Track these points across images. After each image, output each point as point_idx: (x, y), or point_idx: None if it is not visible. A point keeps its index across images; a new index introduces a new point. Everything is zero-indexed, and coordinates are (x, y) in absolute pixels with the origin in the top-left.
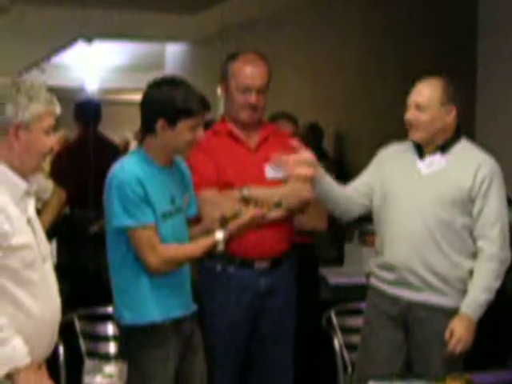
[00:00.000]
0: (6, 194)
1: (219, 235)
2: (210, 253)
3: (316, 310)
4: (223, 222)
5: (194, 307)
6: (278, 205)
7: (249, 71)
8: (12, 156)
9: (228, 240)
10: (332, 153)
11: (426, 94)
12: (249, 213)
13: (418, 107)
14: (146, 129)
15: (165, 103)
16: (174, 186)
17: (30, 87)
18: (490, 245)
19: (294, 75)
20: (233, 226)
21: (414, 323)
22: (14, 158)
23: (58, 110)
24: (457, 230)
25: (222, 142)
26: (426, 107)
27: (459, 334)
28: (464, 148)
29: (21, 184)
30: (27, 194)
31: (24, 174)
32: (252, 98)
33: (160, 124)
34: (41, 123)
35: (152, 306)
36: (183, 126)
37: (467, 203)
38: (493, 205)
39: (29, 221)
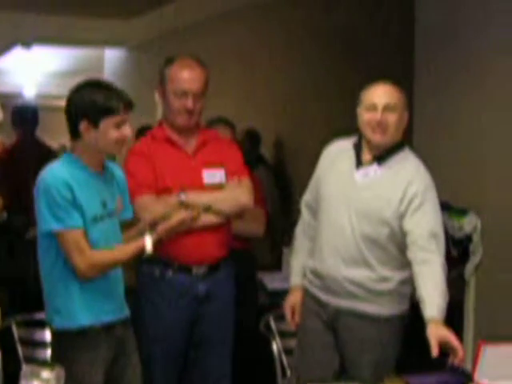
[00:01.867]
0: None
1: (147, 239)
2: (139, 257)
3: (254, 314)
4: (153, 226)
5: (126, 312)
6: (207, 209)
7: (185, 75)
8: None
9: (157, 243)
10: (272, 159)
11: (395, 94)
12: (177, 216)
13: (388, 108)
14: (72, 133)
15: (85, 105)
16: (105, 190)
17: None
18: (433, 255)
19: (234, 79)
20: (161, 228)
21: (343, 329)
22: None
23: (1, 116)
24: (383, 245)
25: (160, 147)
26: (395, 108)
27: (451, 338)
28: (401, 160)
29: None
30: None
31: None
32: (188, 102)
33: (83, 126)
34: None
35: (81, 310)
36: (106, 124)
37: (396, 219)
38: (428, 218)
39: None
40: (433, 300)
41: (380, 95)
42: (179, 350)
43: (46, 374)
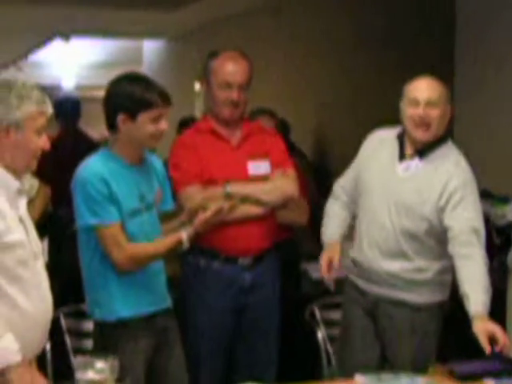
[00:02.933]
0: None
1: (184, 232)
2: (177, 250)
3: (299, 304)
4: (192, 217)
5: (168, 302)
6: (244, 199)
7: (230, 68)
8: (3, 155)
9: (194, 236)
10: (310, 150)
11: (437, 89)
12: (213, 207)
13: (430, 103)
14: (109, 125)
15: (124, 97)
16: (144, 183)
17: (22, 87)
18: (475, 250)
19: (271, 71)
20: (198, 220)
21: (383, 317)
22: (6, 157)
23: (50, 109)
24: (421, 239)
25: (205, 139)
26: (438, 103)
27: (499, 331)
28: (443, 154)
29: (13, 183)
30: (19, 192)
31: (16, 173)
32: (233, 94)
33: (121, 119)
34: (32, 123)
35: (120, 302)
36: (143, 118)
37: (435, 214)
38: (468, 213)
39: (21, 219)
40: (477, 296)
41: (422, 90)
42: (226, 340)
43: (100, 364)
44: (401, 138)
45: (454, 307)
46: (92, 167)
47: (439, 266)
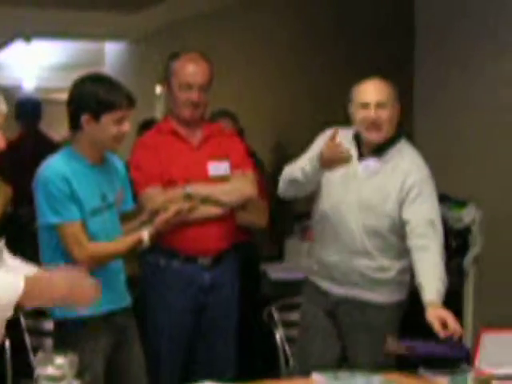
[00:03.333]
0: None
1: (145, 231)
2: (137, 249)
3: (257, 304)
4: (153, 217)
5: (127, 301)
6: (204, 199)
7: (190, 69)
8: None
9: (155, 235)
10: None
11: (385, 91)
12: (174, 207)
13: (379, 105)
14: (73, 125)
15: (88, 98)
16: (105, 182)
17: None
18: (431, 242)
19: (232, 73)
20: (158, 220)
21: (343, 316)
22: None
23: (2, 109)
24: (384, 236)
25: (166, 140)
26: (387, 104)
27: (450, 317)
28: (398, 152)
29: None
30: None
31: None
32: (193, 95)
33: (85, 119)
34: None
35: None
36: (107, 119)
37: (396, 210)
38: (426, 207)
39: None
40: (431, 285)
41: (371, 92)
42: (185, 339)
43: (59, 360)
44: (357, 139)
45: (411, 306)
46: (54, 166)
47: (400, 266)
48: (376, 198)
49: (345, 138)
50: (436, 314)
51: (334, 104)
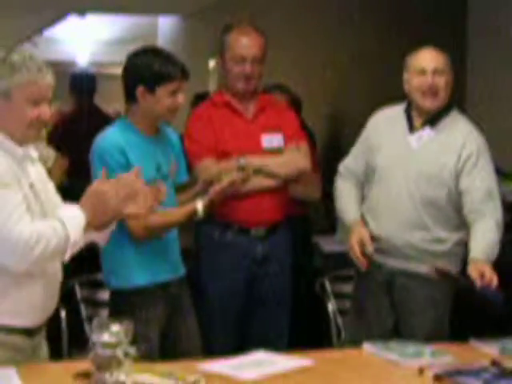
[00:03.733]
0: (3, 160)
1: (199, 202)
2: (192, 219)
3: (310, 276)
4: (206, 188)
5: (182, 271)
6: (257, 171)
7: (243, 42)
8: (2, 125)
9: (209, 206)
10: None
11: (442, 58)
12: (227, 178)
13: (436, 72)
14: (128, 97)
15: (143, 70)
16: (160, 154)
17: (17, 57)
18: (488, 213)
19: (287, 49)
20: (212, 191)
21: (398, 290)
22: (5, 127)
23: (47, 80)
24: (441, 206)
25: (220, 112)
26: (444, 71)
27: (488, 269)
28: (452, 122)
29: (15, 149)
30: (29, 159)
31: (16, 141)
32: (247, 67)
33: (140, 91)
34: (22, 92)
35: (136, 270)
36: (162, 91)
37: (452, 180)
38: (481, 180)
39: (31, 186)
40: (478, 245)
41: (428, 59)
42: (238, 310)
43: (115, 327)
44: (408, 112)
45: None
46: (110, 137)
47: (457, 238)
48: (433, 168)
49: (395, 115)
50: (476, 267)
51: (386, 75)
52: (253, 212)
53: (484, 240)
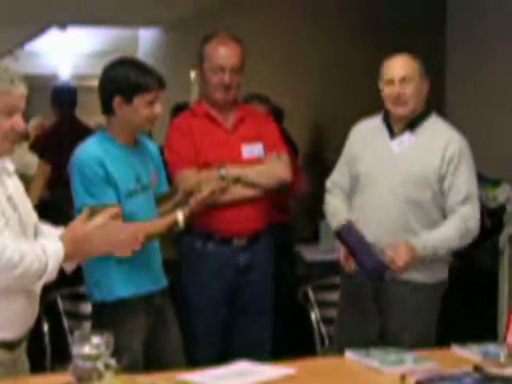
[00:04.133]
0: None
1: (179, 213)
2: (172, 230)
3: (292, 285)
4: (186, 199)
5: (164, 282)
6: (236, 180)
7: (222, 51)
8: None
9: (190, 217)
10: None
11: (410, 66)
12: (207, 188)
13: (404, 80)
14: (105, 109)
15: (119, 81)
16: (140, 165)
17: None
18: (456, 219)
19: (268, 59)
20: (193, 201)
21: (385, 296)
22: None
23: (20, 90)
24: (426, 208)
25: (200, 122)
26: (412, 79)
27: (405, 257)
28: (433, 125)
29: None
30: (4, 172)
31: None
32: (225, 77)
33: (117, 102)
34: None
35: (118, 282)
36: (139, 101)
37: (436, 181)
38: (463, 182)
39: (9, 198)
40: (427, 234)
41: (396, 68)
42: (220, 320)
43: (96, 339)
44: (386, 119)
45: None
46: (89, 149)
47: None
48: (416, 170)
49: (375, 124)
50: (398, 246)
51: (369, 83)
52: (234, 222)
53: (437, 233)
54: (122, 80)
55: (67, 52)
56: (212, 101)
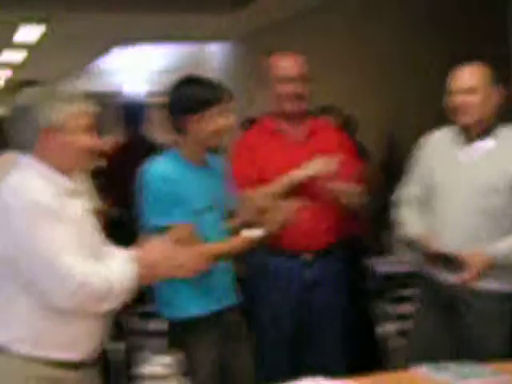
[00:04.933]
0: (49, 191)
1: (256, 232)
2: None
3: (363, 299)
4: (260, 217)
5: (234, 299)
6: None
7: (286, 62)
8: (51, 157)
9: (265, 237)
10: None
11: (476, 76)
12: (285, 208)
13: (469, 90)
14: (175, 129)
15: (187, 99)
16: (209, 183)
17: (62, 91)
18: None
19: (337, 69)
20: (269, 221)
21: (463, 307)
22: (53, 158)
23: (93, 110)
24: (497, 217)
25: (267, 137)
26: (477, 89)
27: (480, 265)
28: (505, 133)
29: (63, 182)
30: (75, 192)
31: (65, 172)
32: (293, 87)
33: (186, 119)
34: (73, 123)
35: (189, 300)
36: (207, 115)
37: (510, 189)
38: None
39: (78, 219)
40: (499, 245)
41: (457, 79)
42: (290, 336)
43: (165, 359)
44: (458, 129)
45: None
46: (157, 168)
47: None
48: (488, 178)
49: (446, 133)
50: (473, 256)
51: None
52: (302, 236)
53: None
54: (190, 97)
55: (135, 69)
56: (281, 112)
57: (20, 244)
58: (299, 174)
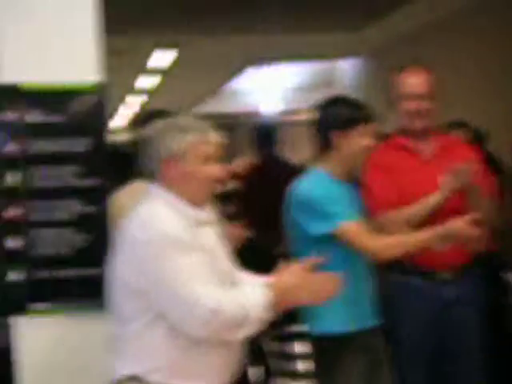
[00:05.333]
0: (179, 222)
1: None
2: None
3: (503, 315)
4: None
5: (377, 320)
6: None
7: (411, 79)
8: (175, 187)
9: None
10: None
11: None
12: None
13: None
14: (323, 146)
15: (334, 118)
16: (355, 199)
17: (183, 119)
18: None
19: (464, 82)
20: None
21: None
22: (179, 188)
23: (216, 139)
24: None
25: (397, 156)
26: None
27: None
28: None
29: (192, 212)
30: (204, 221)
31: (192, 203)
32: (418, 104)
33: (335, 135)
34: (195, 152)
35: (338, 317)
36: (355, 133)
37: None
38: None
39: (209, 249)
40: None
41: None
42: (429, 357)
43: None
44: None
45: None
46: (311, 186)
47: None
48: None
49: None
50: None
51: None
52: (438, 254)
53: None
54: (337, 116)
55: (268, 88)
56: (408, 130)
57: (149, 276)
58: (438, 198)
